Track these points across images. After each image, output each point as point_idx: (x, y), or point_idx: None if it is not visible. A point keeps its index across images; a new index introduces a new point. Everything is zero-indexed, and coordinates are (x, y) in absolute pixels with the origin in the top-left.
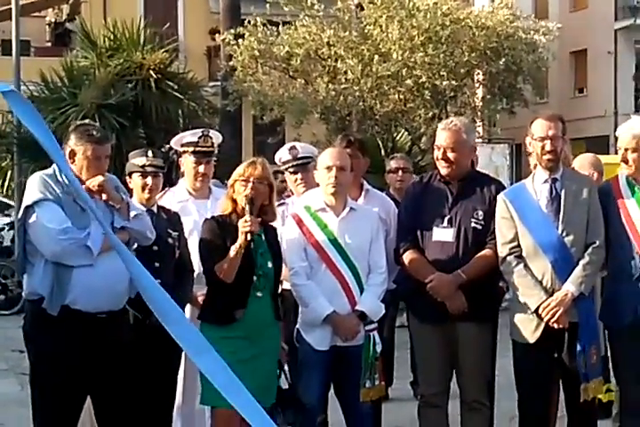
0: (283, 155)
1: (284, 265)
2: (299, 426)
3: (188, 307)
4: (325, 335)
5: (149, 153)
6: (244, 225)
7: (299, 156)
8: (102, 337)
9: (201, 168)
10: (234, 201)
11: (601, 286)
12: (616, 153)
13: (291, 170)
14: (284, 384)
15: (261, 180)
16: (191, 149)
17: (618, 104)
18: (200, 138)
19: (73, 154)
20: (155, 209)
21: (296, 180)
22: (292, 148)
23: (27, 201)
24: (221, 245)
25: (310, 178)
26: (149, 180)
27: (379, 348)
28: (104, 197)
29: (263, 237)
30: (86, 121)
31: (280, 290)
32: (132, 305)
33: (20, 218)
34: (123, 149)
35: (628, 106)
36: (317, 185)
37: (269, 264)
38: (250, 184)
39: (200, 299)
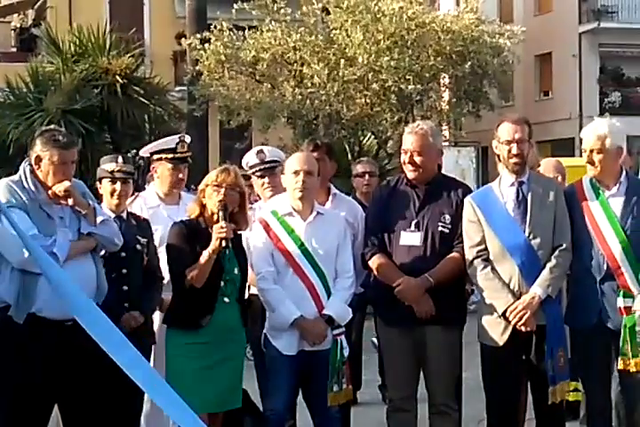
0: (250, 159)
1: (250, 270)
2: None
3: (157, 313)
4: (293, 340)
5: (119, 159)
6: (219, 231)
7: (266, 160)
8: (69, 345)
9: (180, 174)
10: (203, 206)
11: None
12: (581, 155)
13: (258, 174)
14: None
15: (234, 187)
16: (170, 155)
17: (583, 107)
18: (178, 144)
19: (39, 159)
20: (124, 215)
21: (263, 184)
22: (260, 151)
23: None
24: (190, 250)
25: (277, 182)
26: (118, 185)
27: (346, 352)
28: (70, 202)
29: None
30: (52, 126)
31: (247, 295)
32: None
33: None
34: (88, 154)
35: (593, 108)
36: (285, 189)
37: (236, 270)
38: (222, 190)
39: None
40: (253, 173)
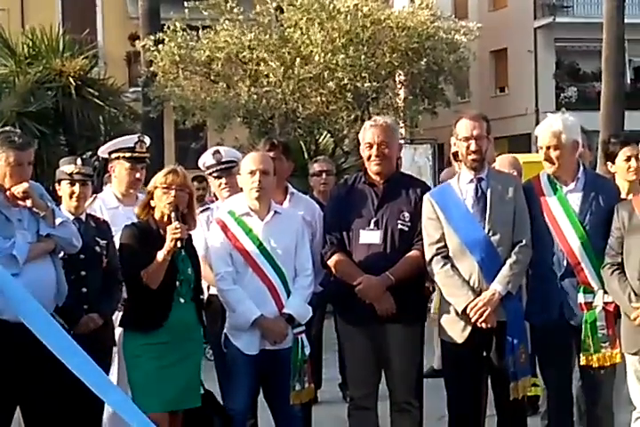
0: (206, 159)
1: (208, 269)
2: None
3: (115, 315)
4: (254, 339)
5: (78, 161)
6: (173, 232)
7: (222, 160)
8: (30, 347)
9: (137, 174)
10: (151, 208)
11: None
12: (538, 151)
13: (215, 174)
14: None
15: (183, 187)
16: (128, 154)
17: (539, 102)
18: (136, 144)
19: None
20: (83, 217)
21: (220, 184)
22: (216, 152)
23: None
24: (143, 251)
25: (234, 182)
26: (77, 188)
27: (307, 350)
28: (28, 203)
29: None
30: (7, 128)
31: (207, 296)
32: (59, 314)
33: None
34: (44, 156)
35: (549, 104)
36: (242, 189)
37: (189, 270)
38: (172, 192)
39: None
40: (210, 174)
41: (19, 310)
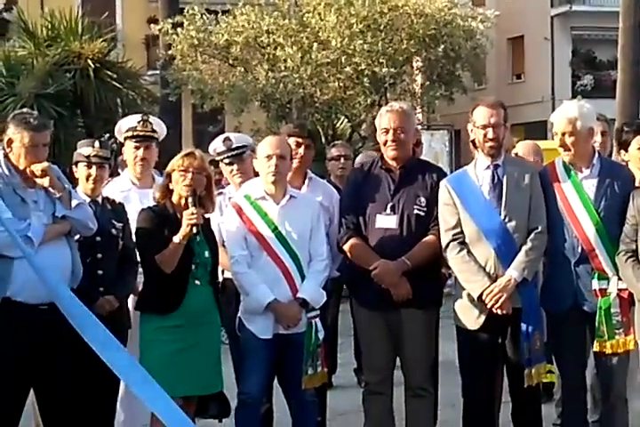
0: (217, 146)
1: (223, 253)
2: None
3: (131, 298)
4: (267, 324)
5: (96, 143)
6: (189, 217)
7: (233, 146)
8: (45, 329)
9: (140, 152)
10: (169, 191)
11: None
12: (553, 139)
13: (226, 161)
14: None
15: (200, 170)
16: (130, 133)
17: (555, 90)
18: (139, 122)
19: (10, 142)
20: (99, 200)
21: (232, 171)
22: (226, 139)
23: None
24: (159, 235)
25: (246, 168)
26: (94, 170)
27: (321, 335)
28: (46, 182)
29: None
30: (24, 110)
31: (221, 279)
32: (77, 297)
33: None
34: (61, 138)
35: (565, 92)
36: (254, 175)
37: (206, 253)
38: (189, 175)
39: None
40: (221, 161)
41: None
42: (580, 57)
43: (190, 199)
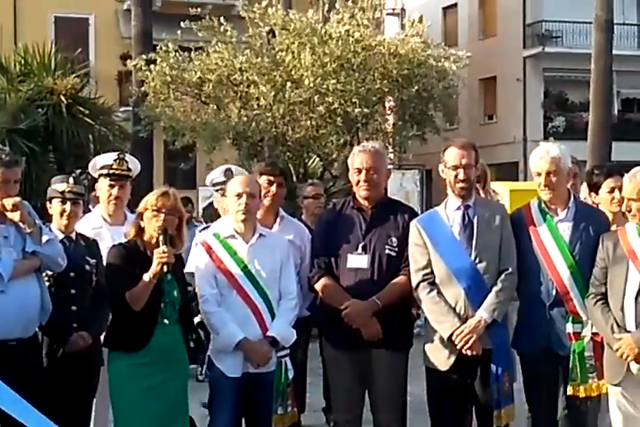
0: (216, 176)
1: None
2: None
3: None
4: (237, 362)
5: (70, 179)
6: (160, 256)
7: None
8: (12, 365)
9: (114, 191)
10: (141, 229)
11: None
12: (525, 179)
13: (222, 192)
14: None
15: (173, 211)
16: (105, 171)
17: (527, 131)
18: (115, 161)
19: None
20: (73, 236)
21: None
22: (228, 170)
23: None
24: (129, 272)
25: None
26: (68, 206)
27: (290, 374)
28: (17, 216)
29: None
30: None
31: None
32: (48, 333)
33: None
34: (33, 174)
35: (537, 132)
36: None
37: (175, 292)
38: (162, 215)
39: None
40: (217, 191)
41: None
42: (553, 98)
43: (161, 237)
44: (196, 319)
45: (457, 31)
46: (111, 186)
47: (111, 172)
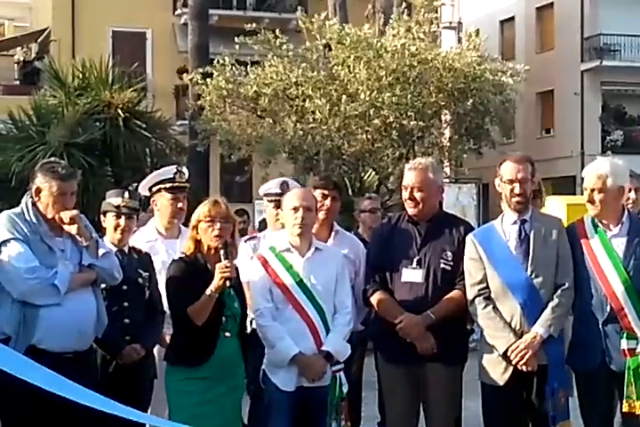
0: (271, 187)
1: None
2: None
3: (156, 348)
4: (291, 376)
5: (126, 194)
6: (223, 271)
7: (288, 192)
8: (68, 377)
9: (180, 204)
10: (197, 242)
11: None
12: (582, 194)
13: (275, 203)
14: None
15: (227, 219)
16: (168, 185)
17: (584, 145)
18: (175, 174)
19: (38, 191)
20: (126, 249)
21: (277, 214)
22: (284, 183)
23: None
24: (191, 287)
25: None
26: (122, 220)
27: (345, 388)
28: (74, 230)
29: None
30: (52, 159)
31: (250, 330)
32: (101, 345)
33: None
34: (90, 187)
35: (595, 147)
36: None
37: (236, 304)
38: (217, 224)
39: (168, 339)
40: (270, 201)
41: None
42: (610, 112)
43: (222, 252)
44: None
45: (514, 45)
46: (175, 199)
47: (175, 185)
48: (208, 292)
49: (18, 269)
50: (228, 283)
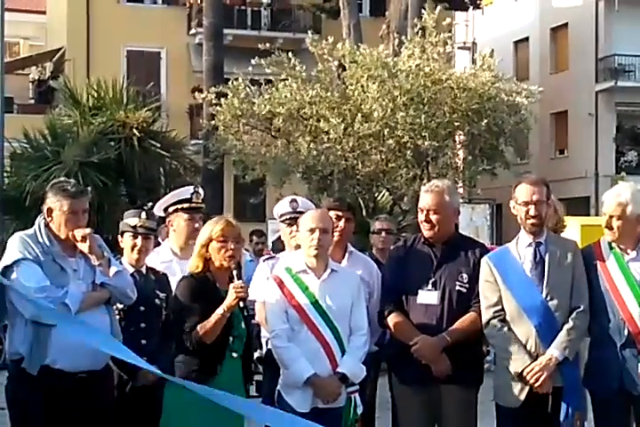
0: (282, 207)
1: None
2: None
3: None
4: (306, 397)
5: (143, 214)
6: (238, 291)
7: (298, 209)
8: (83, 397)
9: (196, 224)
10: (206, 260)
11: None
12: (597, 214)
13: (288, 222)
14: None
15: (238, 239)
16: (185, 205)
17: (599, 165)
18: (192, 194)
19: (50, 211)
20: (143, 270)
21: (291, 232)
22: (293, 200)
23: (6, 261)
24: (199, 306)
25: None
26: (140, 241)
27: (359, 410)
28: (86, 248)
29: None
30: (62, 178)
31: (265, 350)
32: (118, 366)
33: None
34: (104, 206)
35: (609, 167)
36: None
37: (242, 325)
38: (231, 245)
39: None
40: (283, 221)
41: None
42: (625, 133)
43: (235, 272)
44: (256, 354)
45: (528, 65)
46: (191, 219)
47: (193, 205)
48: (220, 311)
49: (28, 288)
50: (241, 303)
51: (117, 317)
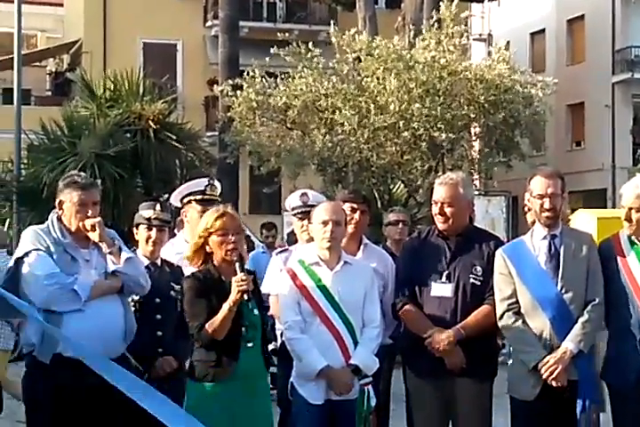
0: (293, 201)
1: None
2: None
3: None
4: (319, 389)
5: (157, 206)
6: (239, 284)
7: (309, 203)
8: (96, 385)
9: None
10: (207, 254)
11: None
12: (613, 207)
13: (299, 216)
14: None
15: (238, 230)
16: (199, 197)
17: (615, 157)
18: (207, 186)
19: (61, 203)
20: (158, 262)
21: (302, 226)
22: (304, 194)
23: (18, 253)
24: (206, 302)
25: None
26: (154, 232)
27: (373, 402)
28: (96, 236)
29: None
30: (73, 172)
31: (280, 342)
32: (135, 358)
33: (10, 269)
34: (120, 198)
35: (626, 159)
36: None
37: (255, 311)
38: (231, 237)
39: None
40: (294, 215)
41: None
42: None
43: (237, 264)
44: (270, 346)
45: (544, 57)
46: (205, 211)
47: (207, 197)
48: (226, 306)
49: (38, 276)
50: (245, 296)
51: (132, 308)
